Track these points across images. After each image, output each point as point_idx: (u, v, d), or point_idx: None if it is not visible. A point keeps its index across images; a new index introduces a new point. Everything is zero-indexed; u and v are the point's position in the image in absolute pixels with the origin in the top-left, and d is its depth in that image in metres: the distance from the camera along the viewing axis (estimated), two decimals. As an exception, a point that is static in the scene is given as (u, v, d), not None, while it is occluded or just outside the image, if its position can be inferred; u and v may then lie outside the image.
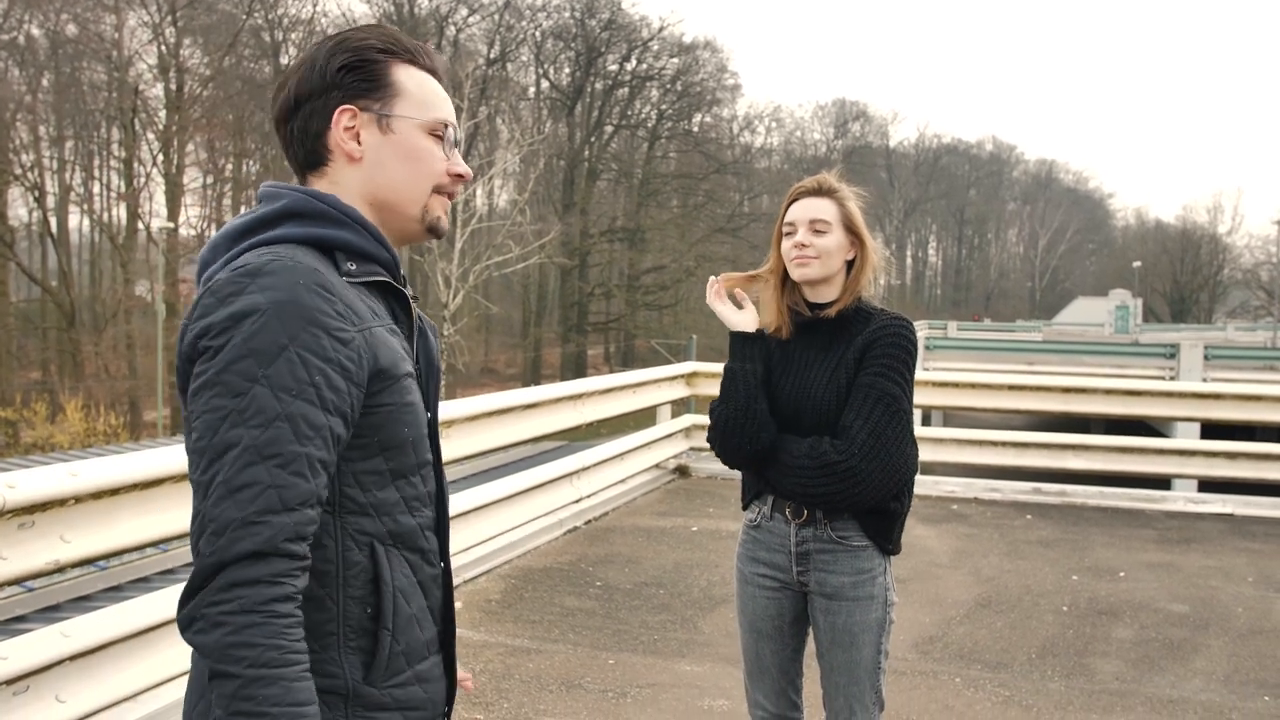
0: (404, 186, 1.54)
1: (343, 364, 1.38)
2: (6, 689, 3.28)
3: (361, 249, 1.49)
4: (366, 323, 1.43)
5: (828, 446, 2.54)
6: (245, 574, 1.30)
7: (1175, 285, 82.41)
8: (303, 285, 1.37)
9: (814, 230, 2.66)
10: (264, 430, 1.32)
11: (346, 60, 1.52)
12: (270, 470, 1.32)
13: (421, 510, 1.53)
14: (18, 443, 35.10)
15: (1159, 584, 6.46)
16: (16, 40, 44.88)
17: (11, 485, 3.25)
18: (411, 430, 1.49)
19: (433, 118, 1.55)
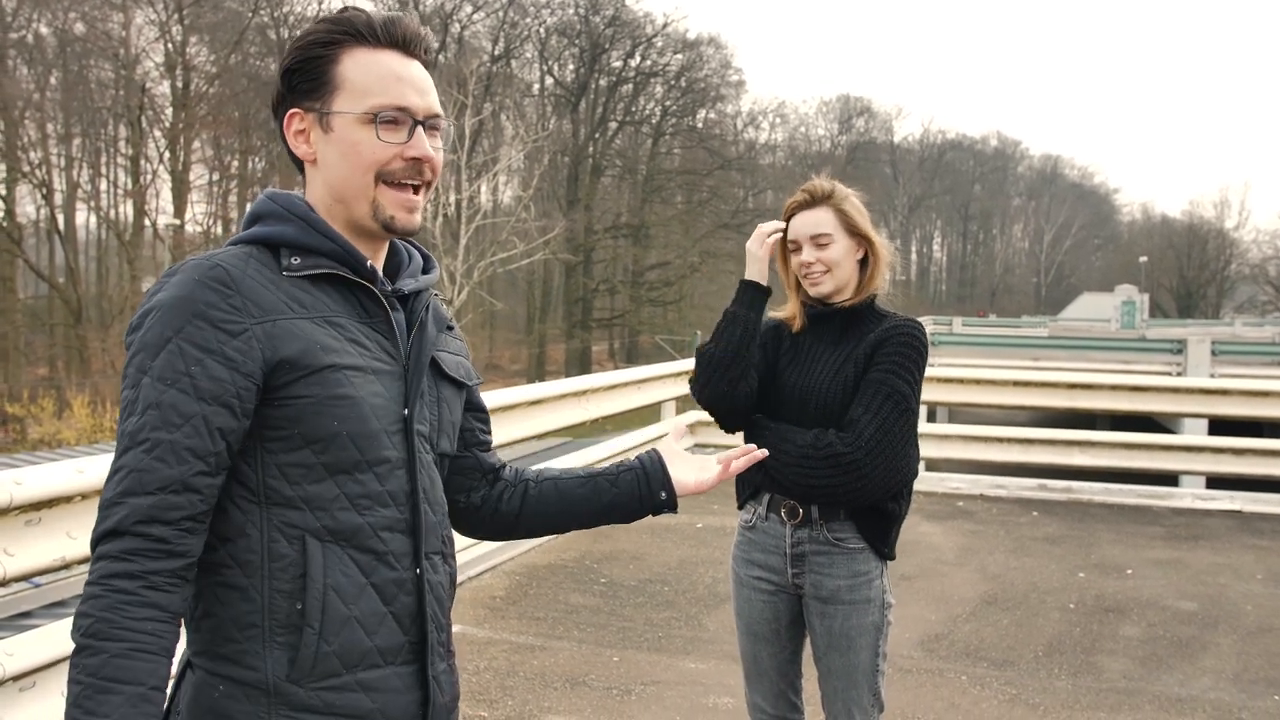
0: (346, 183, 1.51)
1: (226, 354, 1.39)
2: (13, 685, 3.28)
3: (303, 243, 1.49)
4: (275, 315, 1.42)
5: (834, 438, 2.52)
6: (104, 550, 1.35)
7: (1182, 280, 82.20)
8: (199, 280, 1.40)
9: (817, 245, 2.65)
10: (139, 418, 1.37)
11: (289, 63, 1.52)
12: (136, 455, 1.36)
13: (374, 509, 1.47)
14: (25, 439, 35.16)
15: (1167, 581, 6.45)
16: (25, 38, 44.93)
17: (19, 482, 3.25)
18: (346, 425, 1.44)
19: (370, 105, 1.49)
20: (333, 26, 1.51)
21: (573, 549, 6.86)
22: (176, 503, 1.36)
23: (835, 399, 2.59)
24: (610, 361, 60.42)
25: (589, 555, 6.72)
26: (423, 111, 1.51)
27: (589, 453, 7.89)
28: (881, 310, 2.69)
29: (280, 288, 1.45)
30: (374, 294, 1.53)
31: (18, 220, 43.82)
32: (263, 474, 1.43)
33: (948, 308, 77.44)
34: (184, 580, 1.38)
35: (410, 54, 1.54)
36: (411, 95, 1.51)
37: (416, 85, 1.52)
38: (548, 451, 18.22)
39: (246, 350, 1.40)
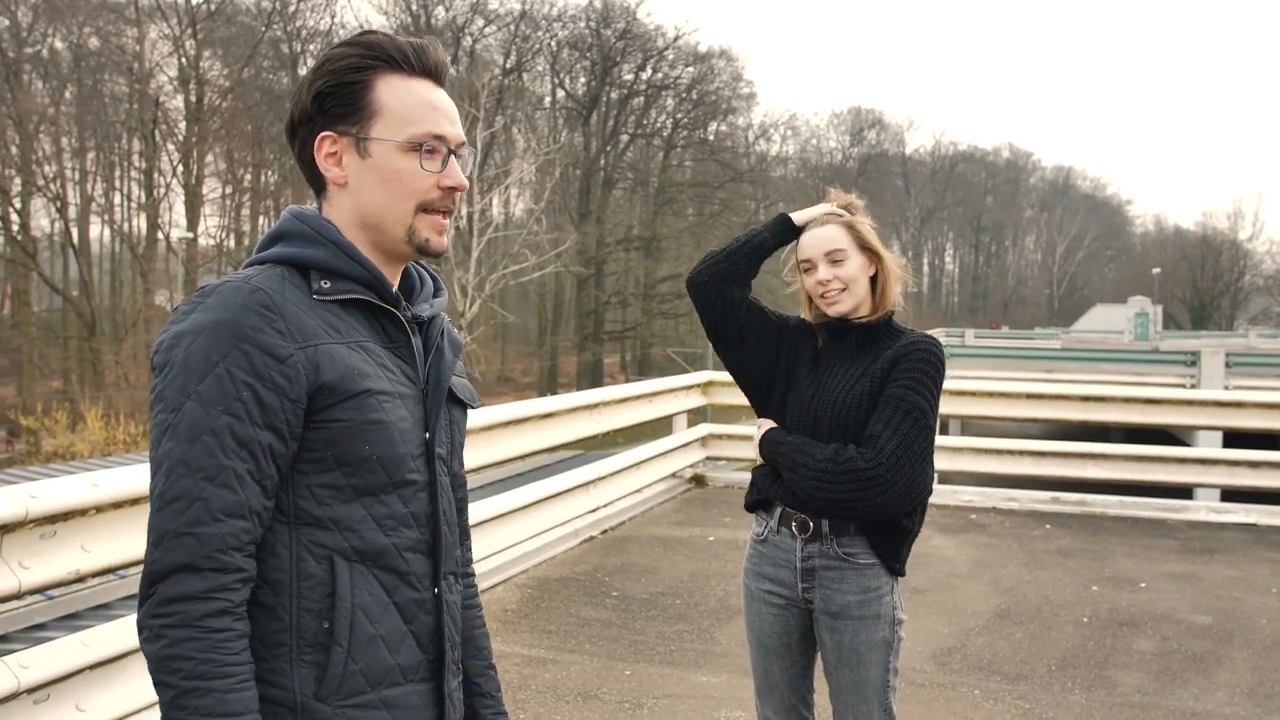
0: (385, 210, 1.52)
1: (273, 380, 1.39)
2: (28, 697, 3.29)
3: (334, 267, 1.49)
4: (315, 340, 1.43)
5: (854, 453, 2.51)
6: (180, 588, 1.34)
7: (1195, 292, 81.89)
8: (242, 305, 1.40)
9: (832, 261, 2.64)
10: (192, 445, 1.36)
11: (323, 85, 1.51)
12: (198, 483, 1.35)
13: (399, 531, 1.50)
14: (39, 451, 35.29)
15: (1181, 595, 6.42)
16: (40, 53, 45.27)
17: (34, 495, 3.27)
18: (377, 448, 1.47)
19: (410, 135, 1.51)
20: (366, 51, 1.52)
21: (585, 562, 6.86)
22: (245, 527, 1.38)
23: (849, 414, 2.59)
24: (622, 374, 60.41)
25: (601, 568, 6.72)
26: (454, 140, 1.54)
27: (603, 465, 7.89)
28: (898, 326, 2.69)
29: (315, 312, 1.46)
30: (398, 319, 1.55)
31: (32, 234, 44.10)
32: (293, 495, 1.44)
33: (960, 320, 77.29)
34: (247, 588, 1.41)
35: (439, 82, 1.56)
36: (445, 124, 1.54)
37: (448, 114, 1.55)
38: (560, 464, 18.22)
39: (293, 376, 1.41)
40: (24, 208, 43.22)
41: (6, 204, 42.66)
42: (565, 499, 7.27)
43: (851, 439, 2.57)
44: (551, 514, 7.03)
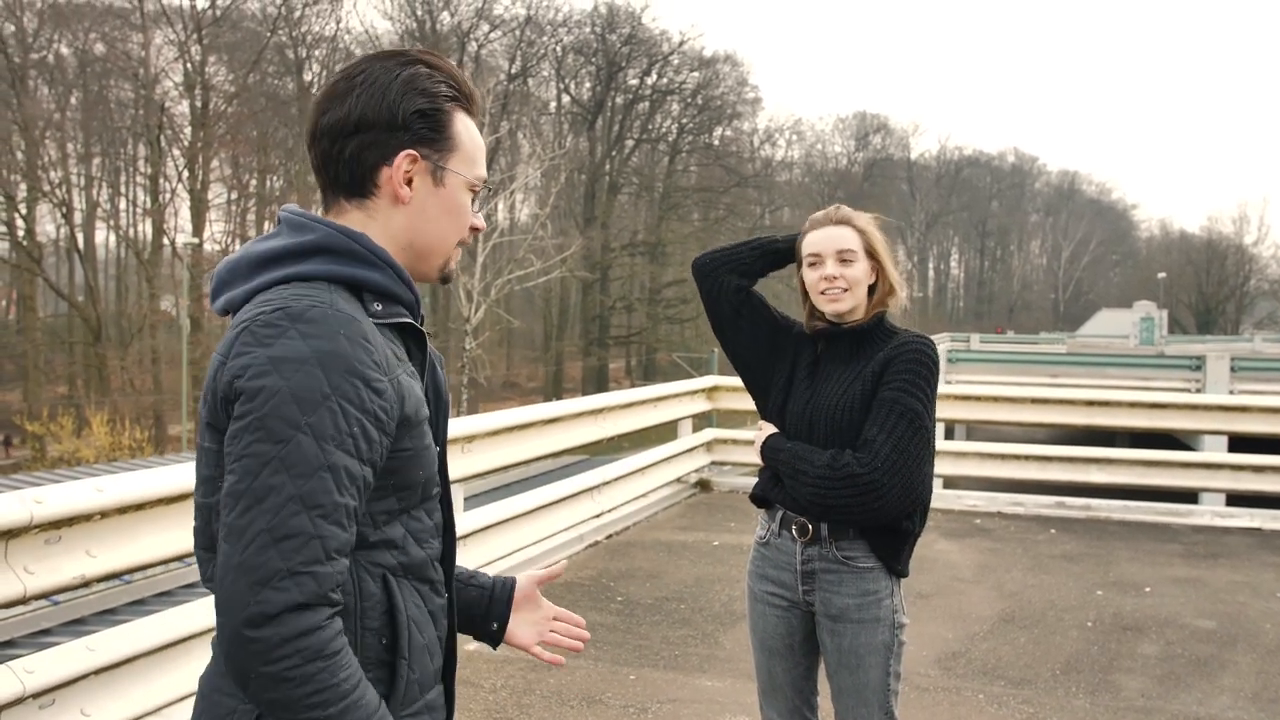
0: (439, 238, 1.55)
1: (377, 415, 1.38)
2: (33, 703, 3.30)
3: (389, 291, 1.48)
4: (395, 370, 1.43)
5: (850, 459, 2.53)
6: (299, 625, 1.30)
7: (1201, 296, 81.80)
8: (344, 335, 1.36)
9: (841, 260, 2.65)
10: (308, 480, 1.31)
11: (421, 106, 1.50)
12: (314, 520, 1.31)
13: (429, 542, 1.53)
14: (44, 457, 35.37)
15: (1185, 599, 6.41)
16: (46, 59, 45.45)
17: (39, 500, 3.28)
18: (426, 471, 1.50)
19: (476, 175, 1.56)
20: (452, 83, 1.54)
21: (589, 568, 6.87)
22: (346, 565, 1.37)
23: (843, 419, 2.60)
24: (627, 379, 60.47)
25: (605, 574, 6.72)
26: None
27: (607, 470, 7.89)
28: (891, 327, 2.70)
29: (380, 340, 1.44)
30: (423, 340, 1.55)
31: (38, 239, 44.22)
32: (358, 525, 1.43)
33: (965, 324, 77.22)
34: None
35: (480, 124, 1.61)
36: (485, 170, 1.60)
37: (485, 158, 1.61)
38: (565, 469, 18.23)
39: (390, 410, 1.41)
40: (30, 213, 43.32)
41: (12, 210, 42.76)
42: (570, 504, 7.27)
43: (848, 444, 2.58)
44: (556, 519, 7.03)
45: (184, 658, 3.89)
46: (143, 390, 42.91)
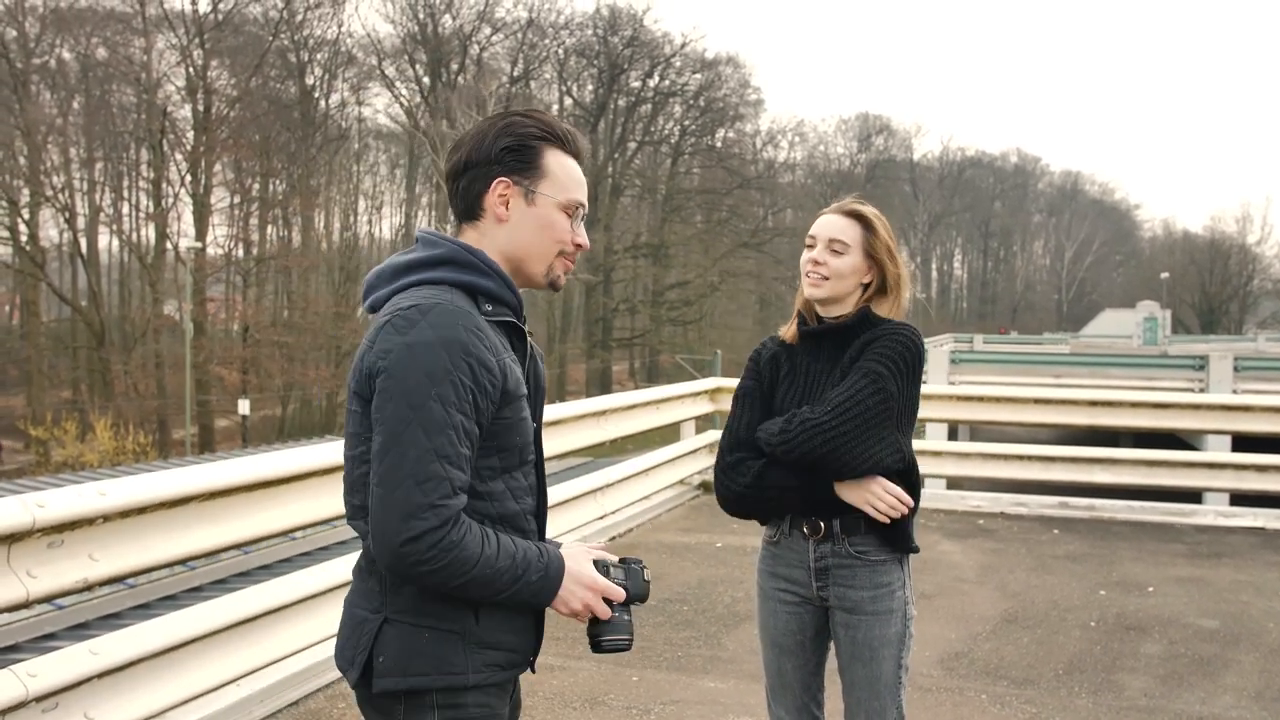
0: (536, 248, 1.96)
1: (486, 387, 1.81)
2: (36, 706, 3.31)
3: (498, 295, 1.91)
4: (501, 354, 1.85)
5: (806, 411, 2.58)
6: (434, 539, 1.75)
7: (1204, 296, 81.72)
8: (462, 326, 1.79)
9: (831, 249, 2.67)
10: (438, 435, 1.76)
11: (509, 143, 1.92)
12: (444, 466, 1.76)
13: (524, 499, 1.95)
14: (48, 461, 35.42)
15: (1188, 599, 6.40)
16: (48, 64, 45.52)
17: (41, 504, 3.29)
18: (521, 438, 1.91)
19: (568, 199, 1.96)
20: (543, 127, 1.95)
21: (592, 569, 6.86)
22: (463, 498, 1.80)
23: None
24: (631, 381, 60.47)
25: (608, 575, 6.72)
26: (585, 209, 2.01)
27: (610, 472, 7.90)
28: (875, 318, 2.69)
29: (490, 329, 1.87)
30: (524, 335, 1.97)
31: (41, 244, 44.26)
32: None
33: (969, 325, 77.19)
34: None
35: (581, 162, 2.01)
36: (584, 197, 2.00)
37: (585, 189, 2.01)
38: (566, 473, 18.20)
39: (496, 383, 1.83)
40: (32, 218, 43.39)
41: (15, 215, 42.83)
42: (573, 506, 7.28)
43: None
44: (559, 521, 7.03)
45: (188, 661, 3.90)
46: (146, 394, 42.95)
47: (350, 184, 58.54)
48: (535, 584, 1.85)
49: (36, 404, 40.96)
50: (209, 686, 3.99)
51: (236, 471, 4.12)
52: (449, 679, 1.87)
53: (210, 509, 3.99)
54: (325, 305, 46.36)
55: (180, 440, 39.46)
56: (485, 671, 1.90)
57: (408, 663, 1.86)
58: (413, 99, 58.31)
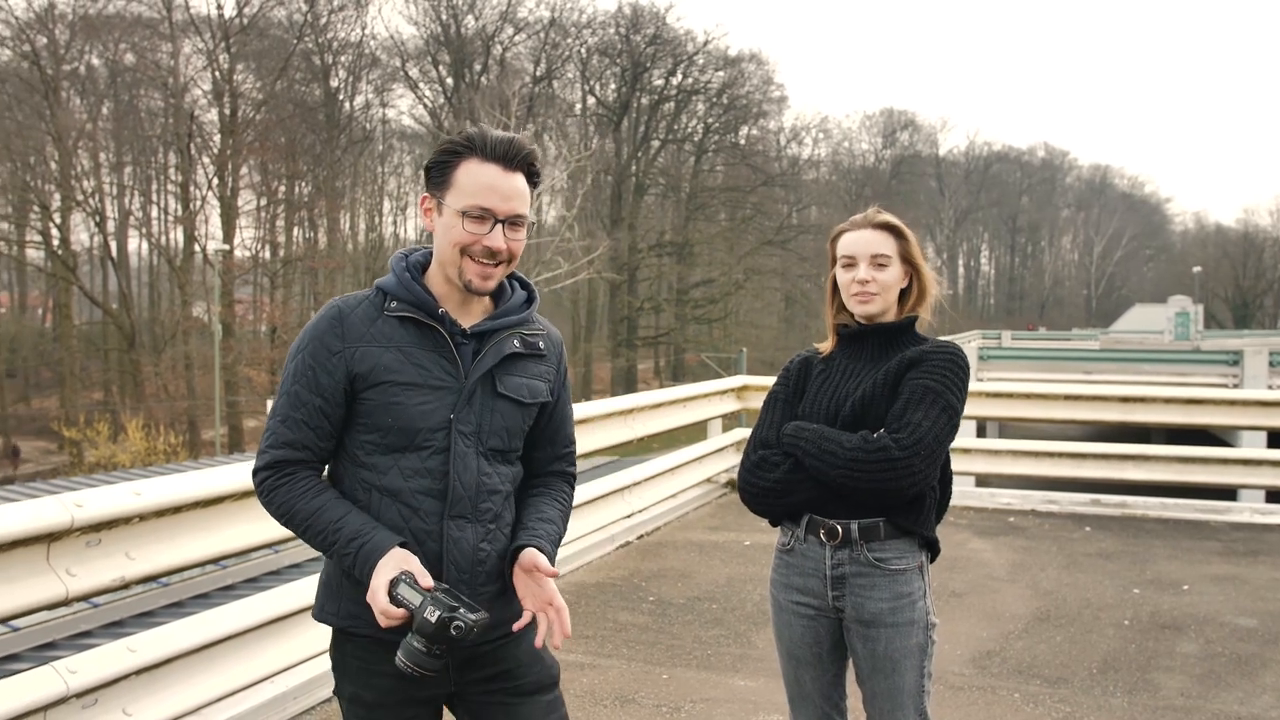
0: (443, 253, 2.13)
1: (327, 367, 2.09)
2: (76, 703, 3.35)
3: (397, 294, 2.14)
4: (358, 344, 2.09)
5: (888, 440, 2.49)
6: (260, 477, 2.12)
7: (1238, 290, 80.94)
8: (325, 318, 2.13)
9: (876, 265, 2.66)
10: (280, 398, 2.13)
11: (429, 161, 2.15)
12: (278, 424, 2.11)
13: (415, 479, 2.10)
14: (81, 462, 35.78)
15: (1225, 597, 6.34)
16: (78, 70, 45.97)
17: (79, 504, 3.32)
18: (398, 421, 2.08)
19: (467, 204, 2.07)
20: (462, 141, 2.10)
21: (621, 567, 6.87)
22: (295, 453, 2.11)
23: (865, 400, 2.59)
24: (656, 380, 60.46)
25: (637, 574, 6.73)
26: (504, 213, 2.08)
27: (638, 470, 7.90)
28: (919, 335, 2.69)
29: (375, 324, 2.11)
30: (440, 332, 2.12)
31: (72, 248, 44.72)
32: (350, 445, 2.14)
33: (996, 321, 76.75)
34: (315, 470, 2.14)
35: (510, 168, 2.09)
36: (495, 200, 2.08)
37: (503, 193, 2.08)
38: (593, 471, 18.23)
39: (337, 365, 2.09)
40: (64, 222, 43.87)
41: (47, 219, 43.31)
42: (601, 505, 7.28)
43: (870, 426, 2.57)
44: (587, 520, 7.05)
45: (222, 659, 3.93)
46: (176, 395, 43.30)
47: (375, 185, 58.81)
48: (347, 559, 2.04)
49: (69, 405, 41.40)
50: (243, 684, 4.02)
51: (269, 471, 4.14)
52: (327, 618, 2.19)
53: (242, 508, 4.01)
54: (352, 306, 46.48)
55: (210, 440, 39.77)
56: (352, 621, 2.13)
57: (317, 598, 2.22)
58: (436, 100, 58.56)
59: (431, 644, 1.94)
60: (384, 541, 2.02)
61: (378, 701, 2.14)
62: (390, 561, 1.99)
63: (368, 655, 2.11)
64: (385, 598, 1.95)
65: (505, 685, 2.19)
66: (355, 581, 2.04)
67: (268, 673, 4.15)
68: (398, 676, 2.00)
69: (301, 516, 2.07)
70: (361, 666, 2.13)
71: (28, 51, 43.54)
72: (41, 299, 51.34)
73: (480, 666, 2.17)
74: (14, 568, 3.20)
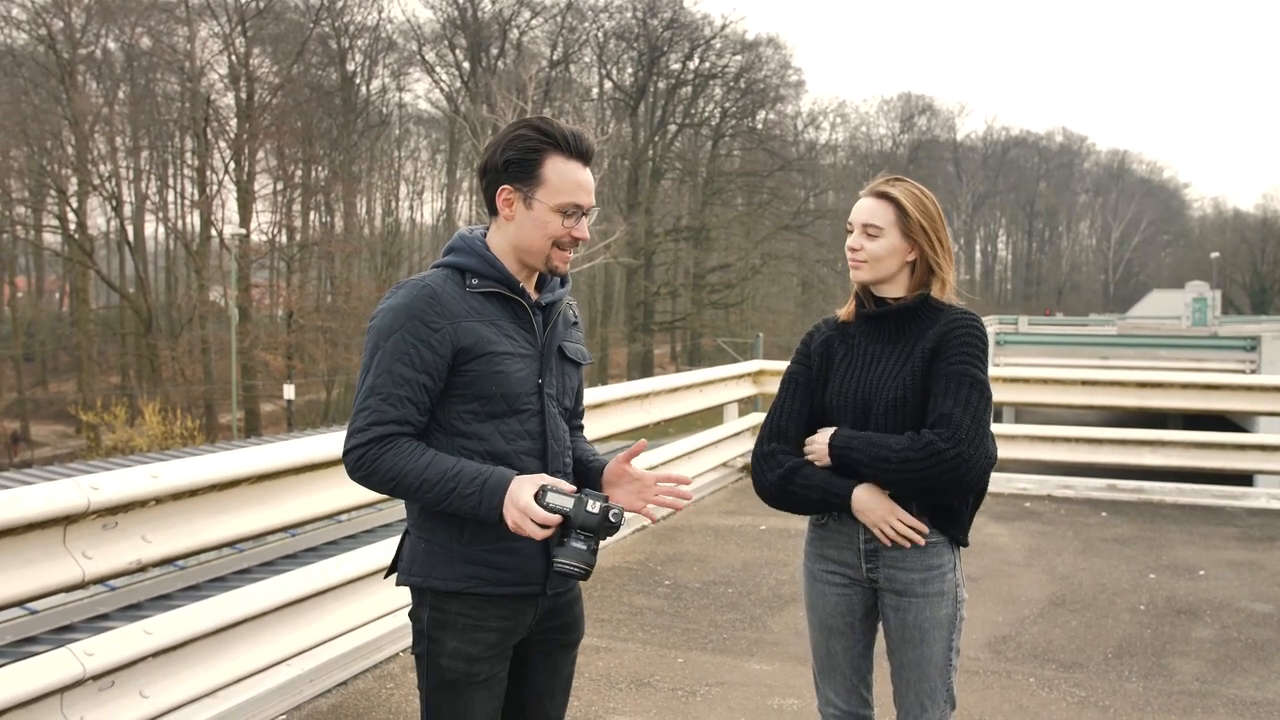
0: (533, 243, 2.30)
1: (430, 343, 2.21)
2: (93, 684, 3.37)
3: (480, 271, 2.30)
4: (459, 319, 2.24)
5: (933, 437, 2.50)
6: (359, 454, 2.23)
7: (1256, 276, 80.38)
8: (417, 295, 2.25)
9: (866, 234, 2.65)
10: (375, 377, 2.22)
11: (511, 155, 2.28)
12: (376, 400, 2.21)
13: (516, 441, 2.29)
14: (99, 446, 35.99)
15: (1241, 583, 6.31)
16: (94, 54, 46.07)
17: (96, 487, 3.33)
18: (500, 389, 2.26)
19: (561, 202, 2.27)
20: (542, 136, 2.27)
21: (637, 551, 6.88)
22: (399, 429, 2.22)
23: (897, 400, 2.58)
24: (672, 364, 60.44)
25: (653, 557, 6.74)
26: (589, 206, 2.32)
27: (653, 455, 7.89)
28: (936, 303, 2.66)
29: (464, 300, 2.27)
30: (523, 305, 2.32)
31: (89, 232, 44.89)
32: (448, 416, 2.27)
33: (1013, 306, 76.38)
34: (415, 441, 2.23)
35: (586, 163, 2.31)
36: (584, 196, 2.30)
37: (587, 189, 2.31)
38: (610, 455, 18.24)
39: (442, 340, 2.22)
40: (80, 206, 44.03)
41: (64, 203, 43.49)
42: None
43: (906, 421, 2.57)
44: (602, 504, 7.04)
45: (239, 641, 3.95)
46: (193, 380, 43.50)
47: (391, 170, 58.86)
48: (471, 498, 2.16)
49: (87, 389, 41.64)
50: (259, 666, 4.04)
51: (283, 454, 4.16)
52: (433, 582, 2.30)
53: (258, 491, 4.03)
54: (368, 290, 46.60)
55: (226, 425, 39.97)
56: (467, 581, 2.27)
57: (410, 565, 2.34)
58: (453, 84, 58.51)
59: (593, 538, 2.14)
60: (506, 472, 2.19)
61: (481, 655, 2.29)
62: (525, 480, 2.17)
63: (475, 612, 2.28)
64: (539, 507, 2.12)
65: (557, 638, 2.43)
66: (467, 543, 2.25)
67: (284, 655, 4.17)
68: (500, 630, 2.29)
69: (414, 474, 2.18)
70: (469, 623, 2.28)
71: (44, 35, 43.62)
72: (58, 283, 51.59)
73: (556, 616, 2.40)
74: (31, 550, 3.22)
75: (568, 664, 2.49)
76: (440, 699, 2.32)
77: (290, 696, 4.19)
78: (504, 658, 2.34)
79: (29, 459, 35.61)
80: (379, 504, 4.83)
